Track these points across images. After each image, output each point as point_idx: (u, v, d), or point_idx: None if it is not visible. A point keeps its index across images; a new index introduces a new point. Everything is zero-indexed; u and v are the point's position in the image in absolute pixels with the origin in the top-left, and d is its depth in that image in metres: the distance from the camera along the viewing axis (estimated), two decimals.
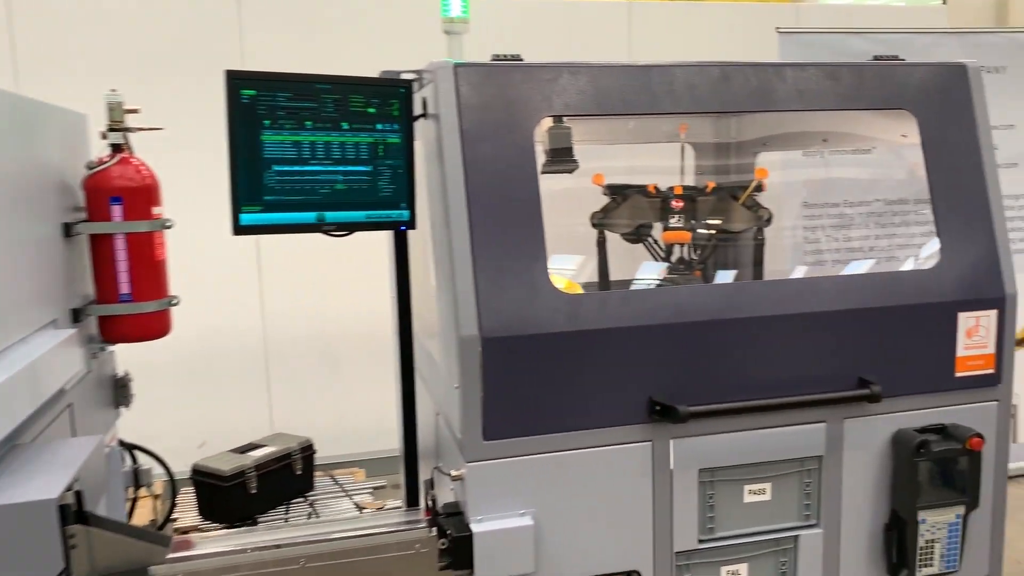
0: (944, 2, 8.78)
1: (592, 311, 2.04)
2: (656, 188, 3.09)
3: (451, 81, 2.04)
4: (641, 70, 2.18)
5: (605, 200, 3.10)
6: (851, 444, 2.28)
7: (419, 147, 2.27)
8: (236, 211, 1.96)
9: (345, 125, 2.04)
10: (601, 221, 3.11)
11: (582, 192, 3.10)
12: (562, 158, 2.46)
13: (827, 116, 3.06)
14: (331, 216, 2.06)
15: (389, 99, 2.09)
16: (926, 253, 4.03)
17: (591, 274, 3.20)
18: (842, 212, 4.19)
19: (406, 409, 2.40)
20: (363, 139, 2.07)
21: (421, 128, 2.23)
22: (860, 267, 3.80)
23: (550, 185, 2.75)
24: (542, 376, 2.01)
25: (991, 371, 2.35)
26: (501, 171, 2.03)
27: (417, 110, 2.20)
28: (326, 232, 2.08)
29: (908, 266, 4.04)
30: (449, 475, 2.08)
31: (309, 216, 2.04)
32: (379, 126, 2.09)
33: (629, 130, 3.30)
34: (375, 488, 4.42)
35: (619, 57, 3.07)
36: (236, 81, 1.92)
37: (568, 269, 2.74)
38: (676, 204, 2.98)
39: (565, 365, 2.02)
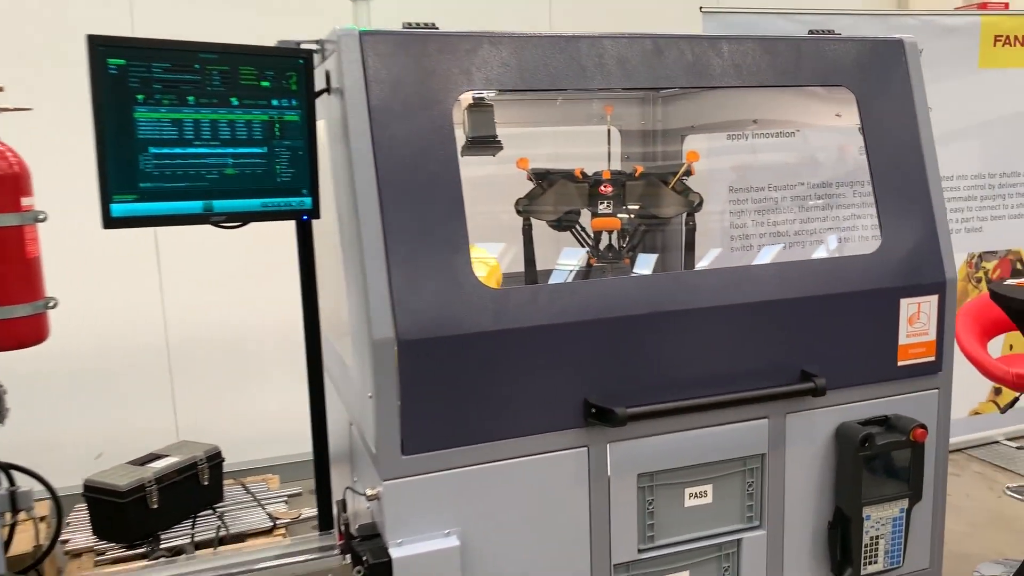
0: None
1: (520, 307, 1.85)
2: (583, 173, 2.92)
3: (357, 51, 1.81)
4: (569, 41, 1.99)
5: (530, 185, 2.91)
6: (794, 440, 2.16)
7: (323, 126, 2.03)
8: (106, 201, 1.68)
9: (235, 101, 1.78)
10: (526, 208, 2.92)
11: (506, 177, 2.91)
12: (484, 139, 2.26)
13: (757, 100, 2.95)
14: (220, 205, 1.80)
15: (286, 71, 1.84)
16: (857, 235, 4.02)
17: (512, 262, 3.02)
18: (768, 196, 4.13)
19: (316, 424, 2.17)
20: (256, 117, 1.81)
21: (325, 105, 1.99)
22: (792, 253, 3.74)
23: (472, 169, 2.55)
24: (467, 381, 1.81)
25: (932, 359, 2.26)
26: (416, 153, 1.81)
27: (320, 84, 1.96)
28: (215, 224, 1.82)
29: (840, 249, 4.02)
30: (364, 494, 1.86)
31: (194, 206, 1.78)
32: (275, 102, 1.83)
33: (554, 110, 3.13)
34: (290, 496, 4.15)
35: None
36: (101, 48, 1.64)
37: (491, 259, 2.55)
38: (605, 189, 2.81)
39: (492, 368, 1.83)
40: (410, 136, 1.81)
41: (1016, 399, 3.46)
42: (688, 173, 2.94)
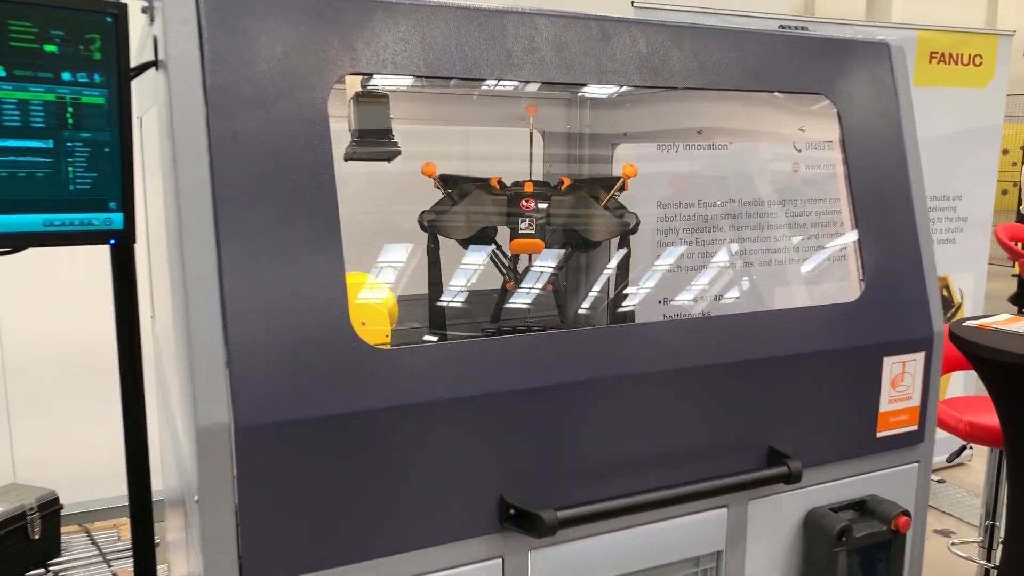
0: None
1: (414, 374, 1.35)
2: (501, 183, 2.44)
3: (191, 10, 1.27)
4: (492, 17, 1.50)
5: (437, 194, 2.41)
6: (757, 532, 1.74)
7: (151, 117, 1.48)
8: None
9: (1, 71, 1.22)
10: (433, 223, 2.42)
11: (413, 176, 2.40)
12: (376, 139, 1.75)
13: (705, 106, 2.55)
14: None
15: (85, 33, 1.28)
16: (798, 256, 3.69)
17: (415, 281, 2.52)
18: (699, 213, 3.76)
19: (136, 519, 1.60)
20: (36, 95, 1.25)
21: (151, 85, 1.44)
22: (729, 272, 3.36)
23: (357, 170, 2.04)
24: (337, 479, 1.30)
25: (914, 427, 1.89)
26: (272, 155, 1.29)
27: (145, 56, 1.41)
28: None
29: (792, 275, 3.67)
30: None
31: None
32: (67, 76, 1.27)
33: (467, 106, 2.64)
34: None
35: None
36: None
37: (381, 293, 2.04)
38: (527, 205, 2.34)
39: (373, 460, 1.32)
40: (264, 132, 1.28)
41: (964, 446, 3.19)
42: (622, 189, 2.51)
